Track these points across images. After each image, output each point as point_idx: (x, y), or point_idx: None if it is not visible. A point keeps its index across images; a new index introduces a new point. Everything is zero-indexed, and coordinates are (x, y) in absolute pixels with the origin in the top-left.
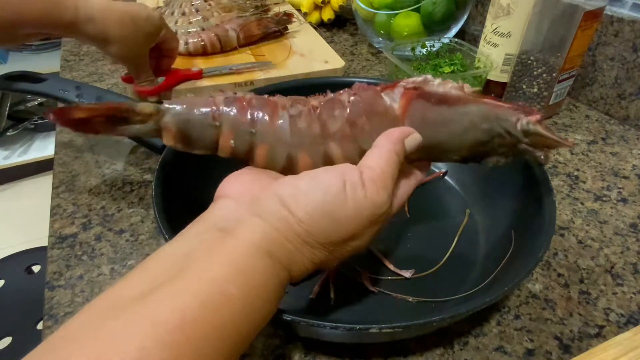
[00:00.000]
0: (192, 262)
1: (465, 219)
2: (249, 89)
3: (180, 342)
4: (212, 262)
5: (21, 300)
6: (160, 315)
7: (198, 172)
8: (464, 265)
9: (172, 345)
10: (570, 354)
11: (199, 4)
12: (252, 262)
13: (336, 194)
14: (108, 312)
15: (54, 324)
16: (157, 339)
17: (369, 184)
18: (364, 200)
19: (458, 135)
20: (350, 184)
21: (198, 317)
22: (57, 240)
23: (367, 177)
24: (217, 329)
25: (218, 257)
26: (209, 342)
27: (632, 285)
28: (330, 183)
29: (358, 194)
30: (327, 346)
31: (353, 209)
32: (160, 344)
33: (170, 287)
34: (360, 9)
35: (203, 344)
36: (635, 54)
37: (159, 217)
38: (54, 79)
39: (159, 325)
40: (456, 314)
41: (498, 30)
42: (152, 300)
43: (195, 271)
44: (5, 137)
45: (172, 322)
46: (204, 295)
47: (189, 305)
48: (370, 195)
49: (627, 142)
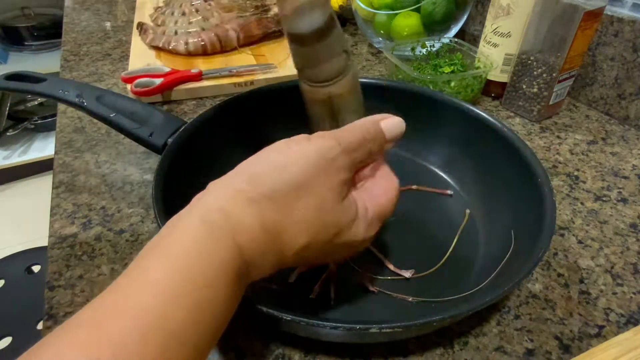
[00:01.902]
0: (131, 264)
1: (465, 219)
2: (249, 89)
3: (95, 342)
4: (145, 257)
5: (21, 300)
6: (80, 318)
7: (198, 172)
8: (463, 265)
9: (87, 344)
10: (570, 354)
11: (199, 4)
12: (180, 239)
13: (278, 148)
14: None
15: (54, 324)
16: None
17: (314, 135)
18: (307, 144)
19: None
20: (295, 139)
21: (112, 311)
22: (57, 240)
23: (316, 134)
24: (135, 319)
25: (152, 250)
26: (127, 337)
27: (632, 285)
28: (275, 144)
29: (302, 143)
30: (327, 346)
31: (296, 153)
32: (77, 346)
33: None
34: (360, 9)
35: (121, 339)
36: (635, 54)
37: (159, 217)
38: (54, 79)
39: (78, 328)
40: (456, 314)
41: (498, 30)
42: (85, 307)
43: (128, 271)
44: (5, 137)
45: (86, 322)
46: (123, 288)
47: (105, 302)
48: (315, 141)
49: (627, 142)
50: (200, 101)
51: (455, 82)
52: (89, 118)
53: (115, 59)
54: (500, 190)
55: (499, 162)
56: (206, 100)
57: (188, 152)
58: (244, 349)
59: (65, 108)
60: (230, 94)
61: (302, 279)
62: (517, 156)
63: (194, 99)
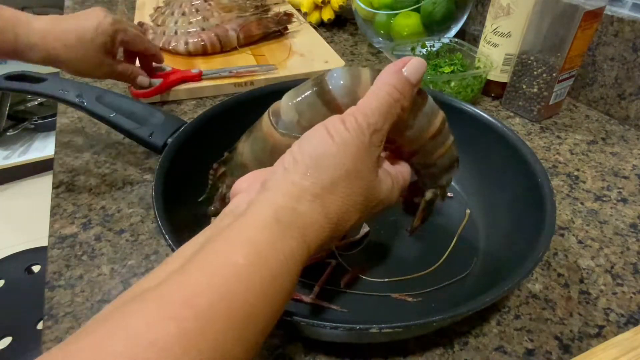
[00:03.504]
0: (203, 247)
1: (465, 219)
2: (249, 89)
3: (186, 316)
4: (220, 242)
5: (21, 300)
6: (167, 293)
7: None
8: (463, 265)
9: (178, 318)
10: (570, 354)
11: (199, 4)
12: (258, 233)
13: (320, 137)
14: (125, 303)
15: (54, 324)
16: (162, 315)
17: (347, 118)
18: (346, 133)
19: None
20: (332, 125)
21: (204, 290)
22: (57, 240)
23: (347, 113)
24: (224, 299)
25: (226, 236)
26: (216, 314)
27: (632, 285)
28: (315, 133)
29: (340, 130)
30: (327, 346)
31: (340, 141)
32: (166, 319)
33: (180, 269)
34: (360, 9)
35: (211, 315)
36: (635, 54)
37: (159, 217)
38: (54, 79)
39: (165, 302)
40: (456, 314)
41: (498, 30)
42: (164, 283)
43: (204, 252)
44: (5, 137)
45: (178, 298)
46: (210, 269)
47: (195, 281)
48: (350, 126)
49: (627, 142)
50: (200, 101)
51: (455, 82)
52: (89, 118)
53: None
54: (500, 190)
55: (499, 162)
56: (206, 100)
57: (188, 152)
58: None
59: (65, 108)
60: (230, 94)
61: (303, 279)
62: (517, 156)
63: (194, 99)
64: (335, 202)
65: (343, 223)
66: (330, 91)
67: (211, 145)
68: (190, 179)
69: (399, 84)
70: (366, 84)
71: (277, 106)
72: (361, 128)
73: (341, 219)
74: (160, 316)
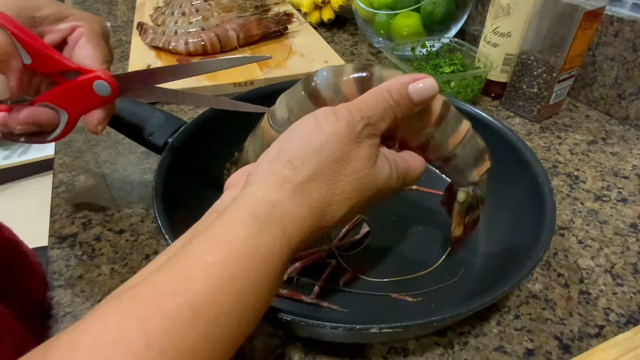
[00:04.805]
0: (182, 246)
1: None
2: (249, 89)
3: (152, 315)
4: (195, 241)
5: None
6: (139, 294)
7: (198, 172)
8: (463, 265)
9: (144, 317)
10: (570, 354)
11: (199, 4)
12: (232, 231)
13: (309, 126)
14: (108, 301)
15: (54, 324)
16: (131, 315)
17: (340, 109)
18: (336, 123)
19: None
20: (322, 115)
21: (171, 290)
22: (57, 240)
23: (340, 105)
24: (191, 300)
25: (204, 235)
26: (181, 314)
27: (632, 285)
28: (303, 123)
29: (330, 120)
30: (327, 346)
31: (329, 131)
32: (133, 318)
33: (157, 270)
34: (360, 9)
35: (176, 315)
36: (635, 54)
37: (159, 217)
38: None
39: (135, 302)
40: (456, 314)
41: (498, 30)
42: (140, 283)
43: (181, 252)
44: None
45: (147, 298)
46: (180, 270)
47: (164, 282)
48: (341, 116)
49: (627, 142)
50: None
51: (455, 82)
52: None
53: (115, 59)
54: (500, 190)
55: (499, 162)
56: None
57: (188, 152)
58: (244, 349)
59: None
60: (231, 94)
61: (303, 279)
62: (517, 156)
63: None
64: (319, 191)
65: (330, 213)
66: (316, 86)
67: (211, 145)
68: (190, 179)
69: (397, 97)
70: (348, 76)
71: (274, 105)
72: (353, 118)
73: (327, 209)
74: (128, 315)
